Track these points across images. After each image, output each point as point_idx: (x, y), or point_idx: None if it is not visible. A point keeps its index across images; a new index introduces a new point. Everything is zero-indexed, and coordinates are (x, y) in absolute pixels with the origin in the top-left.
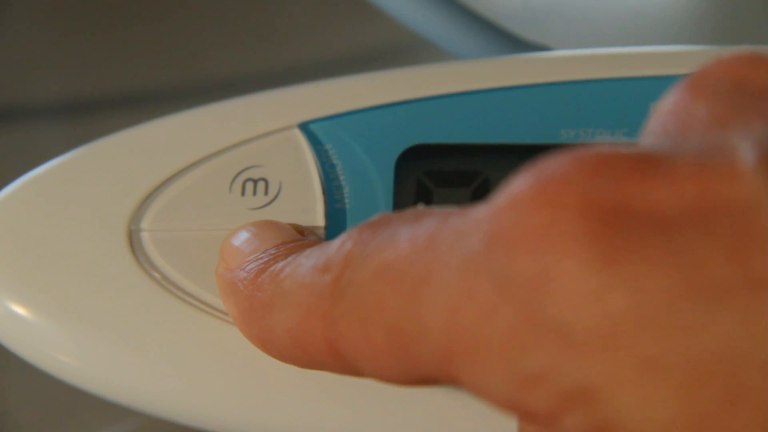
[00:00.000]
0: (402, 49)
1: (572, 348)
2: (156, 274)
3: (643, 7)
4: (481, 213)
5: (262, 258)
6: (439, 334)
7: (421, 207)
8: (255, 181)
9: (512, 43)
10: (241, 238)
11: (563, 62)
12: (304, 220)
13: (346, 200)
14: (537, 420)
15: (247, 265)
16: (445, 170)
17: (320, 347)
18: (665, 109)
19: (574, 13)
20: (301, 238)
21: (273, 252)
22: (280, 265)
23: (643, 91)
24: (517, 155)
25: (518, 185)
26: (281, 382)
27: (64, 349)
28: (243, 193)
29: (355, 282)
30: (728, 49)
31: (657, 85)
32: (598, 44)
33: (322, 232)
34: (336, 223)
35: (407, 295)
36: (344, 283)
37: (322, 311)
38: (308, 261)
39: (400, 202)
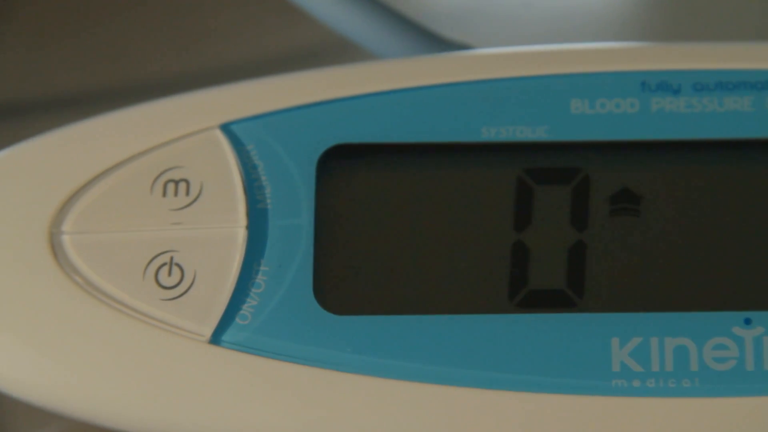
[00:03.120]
0: (326, 49)
1: None
2: (78, 278)
3: (568, 6)
4: None
5: None
6: None
7: None
8: (176, 182)
9: (434, 42)
10: None
11: (484, 60)
12: (226, 220)
13: (268, 200)
14: None
15: None
16: (367, 169)
17: None
18: None
19: (497, 12)
20: None
21: None
22: None
23: (562, 87)
24: (438, 153)
25: None
26: (207, 384)
27: None
28: (164, 194)
29: None
30: (649, 44)
31: (576, 81)
32: (523, 43)
33: (244, 232)
34: (258, 223)
35: None
36: None
37: None
38: None
39: (322, 202)
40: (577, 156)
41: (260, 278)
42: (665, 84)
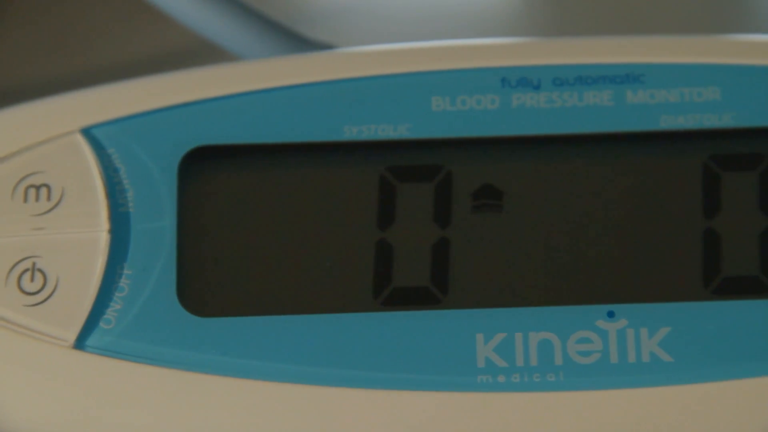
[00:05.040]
0: (191, 52)
1: None
2: None
3: (447, 5)
4: None
5: None
6: None
7: None
8: (37, 188)
9: (298, 42)
10: None
11: (345, 59)
12: (88, 224)
13: (130, 204)
14: None
15: None
16: (230, 171)
17: None
18: None
19: (373, 13)
20: None
21: None
22: None
23: (423, 85)
24: (300, 153)
25: None
26: (72, 390)
27: None
28: (26, 200)
29: None
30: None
31: (437, 79)
32: (389, 42)
33: (107, 236)
34: (120, 227)
35: None
36: None
37: None
38: None
39: (184, 204)
40: (439, 153)
41: (124, 282)
42: (525, 80)
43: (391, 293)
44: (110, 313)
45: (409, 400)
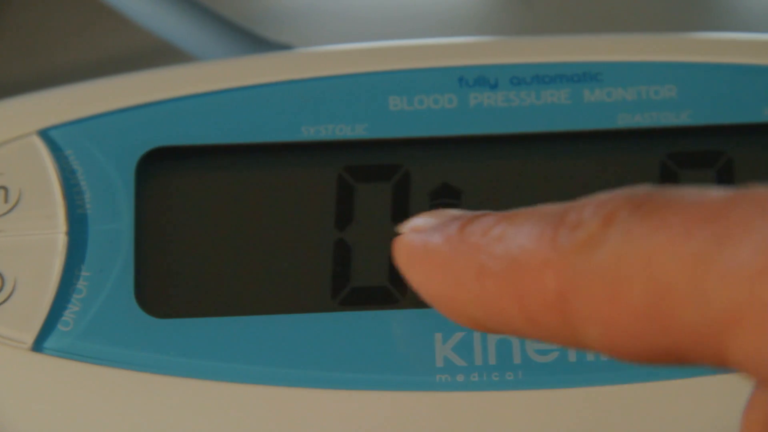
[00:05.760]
0: (150, 53)
1: None
2: None
3: (392, 6)
4: None
5: (456, 218)
6: (726, 299)
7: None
8: None
9: (256, 43)
10: (420, 221)
11: (302, 60)
12: (46, 226)
13: (88, 205)
14: None
15: (446, 225)
16: (187, 172)
17: (545, 299)
18: None
19: (320, 12)
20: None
21: (462, 215)
22: (489, 220)
23: (380, 85)
24: (258, 154)
25: None
26: (31, 392)
27: None
28: None
29: (617, 238)
30: (467, 39)
31: (394, 79)
32: (347, 42)
33: (64, 238)
34: (78, 228)
35: (691, 254)
36: (600, 240)
37: (563, 264)
38: (532, 221)
39: (142, 205)
40: (397, 153)
41: (81, 284)
42: (483, 79)
43: (350, 293)
44: (68, 315)
45: (368, 400)
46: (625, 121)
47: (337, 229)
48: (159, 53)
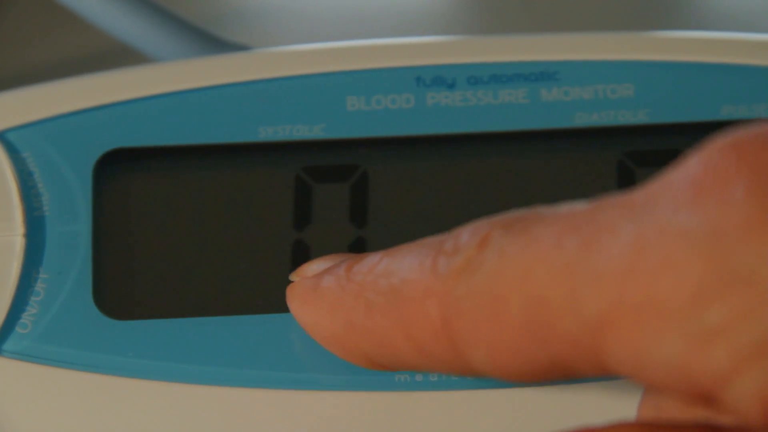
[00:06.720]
0: (106, 55)
1: (762, 295)
2: None
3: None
4: (665, 179)
5: (344, 260)
6: (597, 303)
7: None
8: None
9: (213, 44)
10: (313, 266)
11: (259, 60)
12: (3, 228)
13: (45, 208)
14: (700, 390)
15: (336, 267)
16: (145, 173)
17: (431, 328)
18: None
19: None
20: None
21: (352, 256)
22: (374, 258)
23: (338, 85)
24: (215, 155)
25: (710, 150)
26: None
27: None
28: None
29: (492, 259)
30: (424, 39)
31: (351, 79)
32: (304, 42)
33: (22, 240)
34: (36, 230)
35: (562, 264)
36: (477, 263)
37: (444, 291)
38: (413, 253)
39: (100, 207)
40: (355, 153)
41: (39, 286)
42: (440, 78)
43: None
44: (26, 318)
45: (328, 400)
46: (582, 119)
47: (295, 229)
48: (116, 55)
